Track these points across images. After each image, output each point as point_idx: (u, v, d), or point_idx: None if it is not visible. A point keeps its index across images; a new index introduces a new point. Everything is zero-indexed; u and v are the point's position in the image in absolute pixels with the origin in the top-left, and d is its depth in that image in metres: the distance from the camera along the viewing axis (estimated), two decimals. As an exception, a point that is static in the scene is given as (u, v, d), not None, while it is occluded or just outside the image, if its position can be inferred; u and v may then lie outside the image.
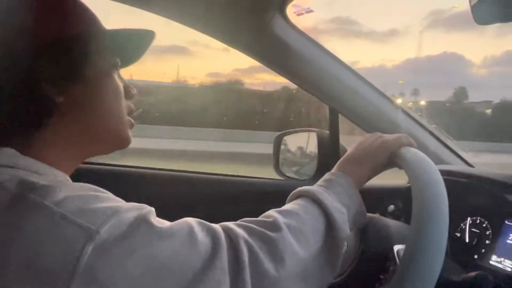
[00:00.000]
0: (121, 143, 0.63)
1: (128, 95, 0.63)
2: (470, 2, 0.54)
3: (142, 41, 0.65)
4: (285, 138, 1.35)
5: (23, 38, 0.52)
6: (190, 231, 0.49)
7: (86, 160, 1.12)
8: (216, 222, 0.55)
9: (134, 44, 0.65)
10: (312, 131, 1.28)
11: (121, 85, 0.62)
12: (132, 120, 0.64)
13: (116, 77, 0.61)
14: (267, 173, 1.39)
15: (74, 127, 0.56)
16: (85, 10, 0.60)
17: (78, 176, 0.58)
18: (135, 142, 0.65)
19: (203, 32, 1.11)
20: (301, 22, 1.08)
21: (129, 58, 0.67)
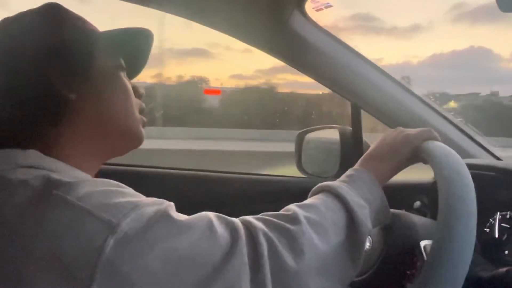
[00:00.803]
0: (134, 139, 0.65)
1: (137, 94, 0.65)
2: None
3: (140, 39, 0.67)
4: (307, 135, 1.35)
5: (35, 44, 0.55)
6: (209, 224, 0.49)
7: (110, 161, 1.14)
8: None
9: (133, 42, 0.67)
10: (334, 127, 1.27)
11: (129, 84, 0.64)
12: (144, 118, 0.66)
13: (123, 76, 0.63)
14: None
15: (88, 125, 0.58)
16: (84, 22, 0.62)
17: (101, 177, 0.60)
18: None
19: (222, 31, 1.11)
20: (320, 19, 1.08)
21: (135, 60, 0.68)
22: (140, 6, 1.06)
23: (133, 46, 0.67)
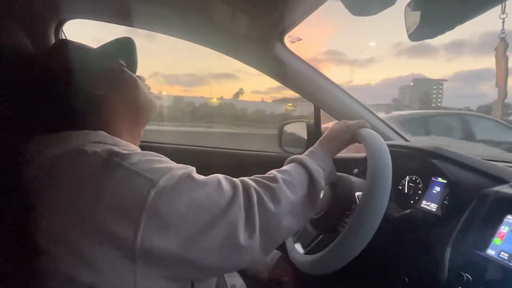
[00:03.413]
0: (152, 108, 0.64)
1: (141, 80, 0.64)
2: (407, 31, 0.53)
3: (126, 43, 0.65)
4: (285, 126, 1.35)
5: (68, 69, 0.54)
6: (219, 182, 0.50)
7: (150, 140, 1.12)
8: None
9: (123, 46, 0.65)
10: (303, 121, 1.27)
11: (132, 74, 0.62)
12: (153, 93, 0.65)
13: (127, 70, 0.62)
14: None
15: (121, 105, 0.58)
16: (86, 46, 0.61)
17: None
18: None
19: (229, 55, 1.10)
20: (303, 53, 1.08)
21: (130, 61, 0.65)
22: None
23: (124, 49, 0.65)
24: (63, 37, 1.00)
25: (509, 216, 0.61)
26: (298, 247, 0.82)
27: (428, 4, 0.49)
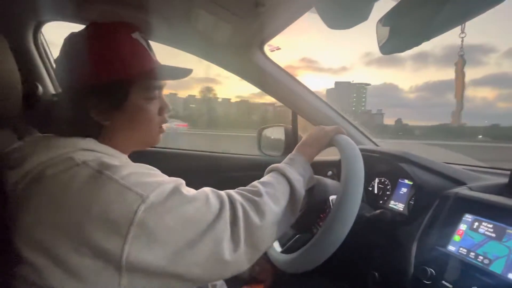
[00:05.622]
0: (151, 144, 0.59)
1: (164, 111, 0.59)
2: (378, 45, 0.55)
3: (180, 76, 0.58)
4: (264, 130, 1.35)
5: (78, 80, 0.51)
6: (206, 196, 0.49)
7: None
8: (221, 185, 0.54)
9: (174, 77, 0.59)
10: (281, 126, 1.27)
11: (154, 110, 0.56)
12: (164, 129, 0.60)
13: (151, 106, 0.56)
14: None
15: (121, 136, 0.55)
16: (136, 56, 0.53)
17: (136, 155, 0.58)
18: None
19: (212, 62, 1.09)
20: (279, 60, 1.08)
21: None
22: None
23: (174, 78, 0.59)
24: (42, 39, 0.95)
25: (467, 215, 0.64)
26: (276, 245, 0.82)
27: (397, 21, 0.51)
